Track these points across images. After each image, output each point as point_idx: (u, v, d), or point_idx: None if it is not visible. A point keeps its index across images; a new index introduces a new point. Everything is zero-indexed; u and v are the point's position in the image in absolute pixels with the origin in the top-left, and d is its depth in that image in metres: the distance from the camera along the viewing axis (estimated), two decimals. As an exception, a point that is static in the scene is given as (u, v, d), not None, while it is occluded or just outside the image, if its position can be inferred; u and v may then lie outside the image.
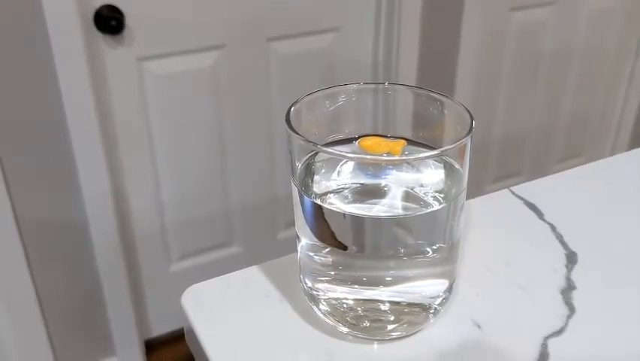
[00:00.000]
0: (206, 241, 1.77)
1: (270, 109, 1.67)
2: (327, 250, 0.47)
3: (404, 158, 0.49)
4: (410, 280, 0.48)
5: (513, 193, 0.66)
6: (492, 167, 2.14)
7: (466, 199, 0.50)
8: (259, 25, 1.58)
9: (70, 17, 1.32)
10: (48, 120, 1.37)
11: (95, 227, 1.52)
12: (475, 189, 2.07)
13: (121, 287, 1.63)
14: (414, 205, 0.48)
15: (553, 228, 0.61)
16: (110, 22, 1.40)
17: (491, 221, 0.63)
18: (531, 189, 0.67)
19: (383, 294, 0.47)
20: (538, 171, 2.23)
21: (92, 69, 1.39)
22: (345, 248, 0.46)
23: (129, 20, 1.42)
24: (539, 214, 0.63)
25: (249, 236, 1.81)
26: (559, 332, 0.49)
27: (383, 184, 0.48)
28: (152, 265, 1.71)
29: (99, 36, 1.42)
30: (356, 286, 0.47)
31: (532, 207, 0.64)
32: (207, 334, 0.49)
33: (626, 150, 2.26)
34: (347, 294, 0.48)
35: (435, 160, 0.48)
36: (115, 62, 1.45)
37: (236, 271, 0.56)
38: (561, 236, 0.60)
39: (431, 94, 0.49)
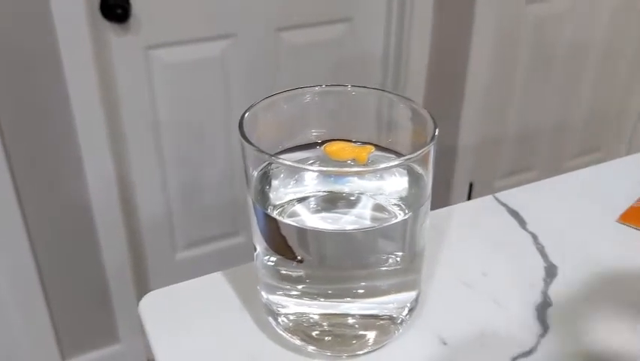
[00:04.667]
0: (212, 231, 1.76)
1: (277, 100, 1.65)
2: (284, 262, 0.45)
3: (361, 169, 0.46)
4: (373, 292, 0.45)
5: (497, 200, 0.63)
6: (504, 161, 2.10)
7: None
8: (268, 15, 1.56)
9: (76, 4, 1.30)
10: (53, 108, 1.36)
11: (100, 215, 1.52)
12: (485, 184, 2.06)
13: (126, 275, 1.63)
14: (377, 214, 0.46)
15: (535, 238, 0.58)
16: (116, 10, 1.38)
17: (471, 229, 0.60)
18: (516, 195, 0.64)
19: (344, 307, 0.45)
20: (552, 166, 2.19)
21: (98, 57, 1.38)
22: (301, 261, 0.44)
23: (136, 8, 1.41)
24: (522, 223, 0.60)
25: (255, 227, 1.79)
26: (529, 352, 0.47)
27: (346, 192, 0.46)
28: (157, 254, 1.70)
29: (106, 24, 1.40)
30: (322, 300, 0.45)
31: (515, 214, 0.61)
32: (160, 343, 0.47)
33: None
34: (304, 308, 0.46)
35: (400, 168, 0.45)
36: (122, 50, 1.43)
37: (200, 277, 0.54)
38: (542, 247, 0.57)
39: (396, 98, 0.47)
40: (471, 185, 2.05)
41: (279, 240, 0.44)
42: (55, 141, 1.39)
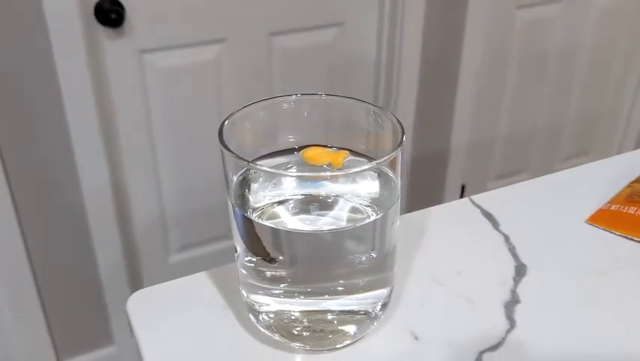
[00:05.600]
0: (205, 233, 1.78)
1: (270, 104, 1.67)
2: (263, 263, 0.47)
3: (333, 173, 0.49)
4: (349, 290, 0.48)
5: (472, 202, 0.66)
6: (496, 164, 2.13)
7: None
8: (261, 19, 1.58)
9: (70, 9, 1.32)
10: (47, 112, 1.38)
11: (95, 218, 1.54)
12: (478, 186, 2.09)
13: (120, 278, 1.65)
14: (352, 215, 0.48)
15: (507, 238, 0.61)
16: (110, 14, 1.40)
17: (447, 230, 0.63)
18: (491, 198, 0.67)
19: (322, 304, 0.48)
20: (544, 169, 2.21)
21: (91, 61, 1.40)
22: (279, 262, 0.46)
23: (130, 13, 1.42)
24: (495, 224, 0.62)
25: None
26: (495, 346, 0.49)
27: (322, 195, 0.49)
28: (150, 257, 1.72)
29: (100, 28, 1.42)
30: (300, 298, 0.48)
31: (488, 216, 0.64)
32: (146, 339, 0.50)
33: (634, 149, 2.26)
34: (284, 306, 0.48)
35: (371, 171, 0.48)
36: (115, 54, 1.45)
37: (185, 277, 0.56)
38: (513, 247, 0.59)
39: (367, 105, 0.49)
40: (463, 187, 2.08)
41: (258, 241, 0.46)
42: (49, 145, 1.41)
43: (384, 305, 0.50)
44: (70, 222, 1.52)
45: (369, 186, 0.49)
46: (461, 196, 2.08)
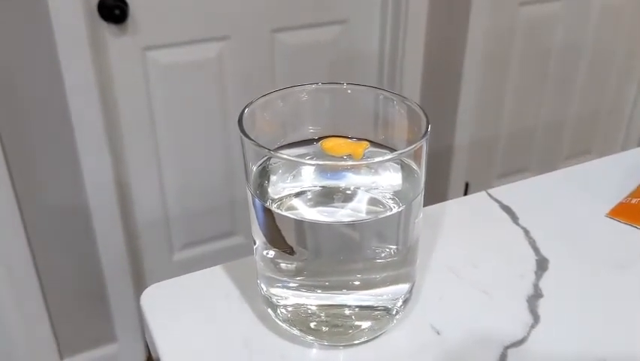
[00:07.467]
0: (209, 231, 1.77)
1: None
2: (282, 255, 0.46)
3: (356, 163, 0.48)
4: (369, 284, 0.47)
5: (490, 196, 0.65)
6: (498, 163, 2.12)
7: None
8: (264, 17, 1.58)
9: (74, 5, 1.31)
10: (51, 109, 1.37)
11: (98, 215, 1.53)
12: (481, 185, 2.08)
13: (123, 275, 1.64)
14: (373, 207, 0.47)
15: (526, 232, 0.60)
16: (113, 11, 1.39)
17: (465, 224, 0.62)
18: (509, 191, 0.66)
19: (340, 299, 0.47)
20: (546, 167, 2.20)
21: (95, 58, 1.39)
22: (299, 254, 0.45)
23: (133, 9, 1.42)
24: (514, 218, 0.61)
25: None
26: (520, 342, 0.48)
27: (342, 187, 0.48)
28: (154, 254, 1.72)
29: (103, 25, 1.41)
30: (319, 291, 0.46)
31: (507, 210, 0.63)
32: (161, 333, 0.49)
33: (637, 146, 2.25)
34: (302, 299, 0.47)
35: (393, 162, 0.47)
36: (119, 51, 1.45)
37: (201, 271, 0.55)
38: (534, 241, 0.58)
39: (390, 95, 0.48)
40: (467, 185, 2.07)
41: (278, 233, 0.45)
42: (52, 142, 1.40)
43: (405, 301, 0.49)
44: (74, 220, 1.51)
45: (391, 178, 0.48)
46: (465, 194, 2.07)
